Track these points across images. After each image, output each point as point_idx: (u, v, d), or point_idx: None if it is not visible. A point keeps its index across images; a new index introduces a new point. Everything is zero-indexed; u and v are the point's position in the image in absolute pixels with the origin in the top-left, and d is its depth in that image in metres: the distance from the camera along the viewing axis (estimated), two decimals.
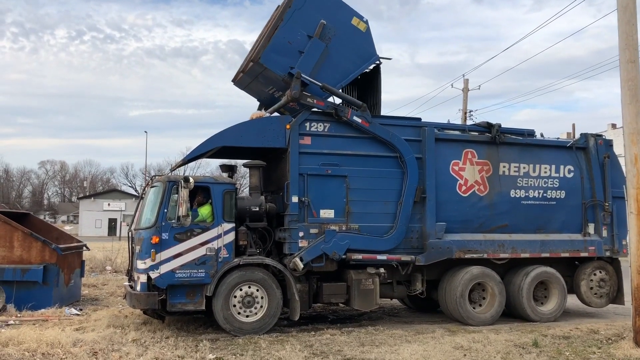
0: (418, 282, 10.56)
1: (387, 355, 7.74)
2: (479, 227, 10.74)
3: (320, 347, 8.26)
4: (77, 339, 8.31)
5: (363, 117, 10.09)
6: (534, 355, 7.88)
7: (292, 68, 9.93)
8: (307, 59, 10.08)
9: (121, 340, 8.49)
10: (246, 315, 9.25)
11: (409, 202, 10.17)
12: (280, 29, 10.04)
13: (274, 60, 10.00)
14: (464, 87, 33.44)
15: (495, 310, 10.53)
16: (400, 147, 10.23)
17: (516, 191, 11.03)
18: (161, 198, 9.23)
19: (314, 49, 10.16)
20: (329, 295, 9.90)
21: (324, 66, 10.25)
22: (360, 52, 10.70)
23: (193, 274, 9.09)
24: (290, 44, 10.08)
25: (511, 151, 11.10)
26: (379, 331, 9.59)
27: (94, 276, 17.78)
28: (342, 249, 9.69)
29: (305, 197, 9.73)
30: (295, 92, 9.75)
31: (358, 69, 10.72)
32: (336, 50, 10.39)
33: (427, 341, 8.72)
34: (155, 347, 8.03)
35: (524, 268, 10.87)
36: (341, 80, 10.50)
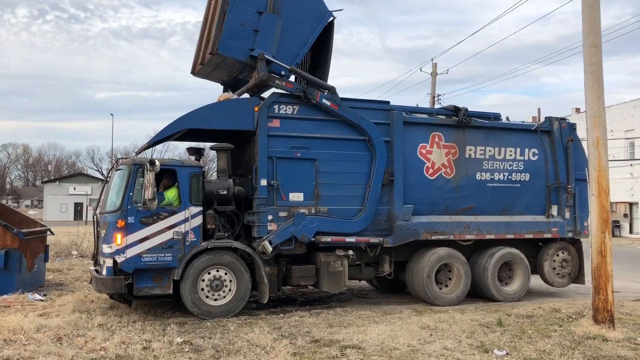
0: (386, 263, 10.68)
1: (354, 336, 7.82)
2: (446, 210, 10.89)
3: (288, 329, 8.30)
4: (40, 325, 8.18)
5: (332, 100, 10.06)
6: (498, 334, 8.05)
7: (252, 50, 9.81)
8: (265, 36, 9.93)
9: (87, 325, 8.38)
10: (214, 299, 9.22)
11: (378, 185, 10.23)
12: (229, 13, 9.78)
13: (232, 46, 9.84)
14: (432, 71, 33.71)
15: (461, 290, 10.73)
16: (369, 130, 10.26)
17: (482, 174, 11.19)
18: (127, 181, 9.08)
19: (268, 24, 9.99)
20: (298, 278, 9.93)
21: (283, 38, 10.11)
22: (313, 13, 10.54)
23: (160, 257, 9.01)
24: (243, 26, 9.87)
25: (477, 134, 11.24)
26: (347, 312, 9.68)
27: (59, 261, 17.49)
28: (311, 231, 9.72)
29: (274, 180, 9.70)
30: (262, 74, 9.66)
31: (315, 32, 10.55)
32: (290, 19, 10.22)
33: (394, 322, 8.84)
34: (122, 332, 7.95)
35: (489, 249, 11.09)
36: (302, 48, 10.39)
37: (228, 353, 6.99)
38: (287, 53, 10.07)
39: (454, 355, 6.96)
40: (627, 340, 7.69)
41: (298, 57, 10.31)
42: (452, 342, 7.59)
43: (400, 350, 7.16)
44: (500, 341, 7.64)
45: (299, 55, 10.31)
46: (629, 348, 7.31)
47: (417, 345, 7.41)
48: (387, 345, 7.35)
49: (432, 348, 7.26)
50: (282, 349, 7.05)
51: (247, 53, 9.84)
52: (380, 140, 10.30)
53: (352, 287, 12.85)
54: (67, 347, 7.11)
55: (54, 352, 6.83)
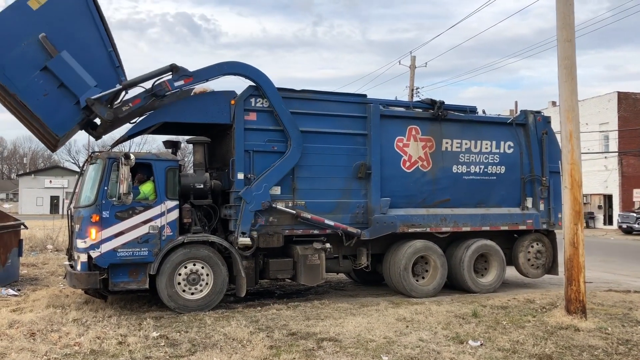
0: (363, 256, 10.73)
1: (331, 329, 7.86)
2: (422, 202, 10.97)
3: (266, 322, 8.31)
4: (13, 320, 8.08)
5: (184, 76, 9.35)
6: (473, 325, 8.16)
7: (77, 103, 8.98)
8: (72, 81, 8.93)
9: (61, 320, 8.29)
10: (191, 293, 9.19)
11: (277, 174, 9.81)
12: (25, 102, 8.79)
13: (61, 120, 9.02)
14: (411, 64, 33.83)
15: (437, 282, 10.83)
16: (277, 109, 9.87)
17: (458, 167, 11.29)
18: (101, 175, 8.97)
19: (62, 67, 8.88)
20: (276, 271, 9.93)
21: (86, 63, 9.08)
22: (77, 12, 9.21)
23: (136, 252, 8.93)
24: (47, 95, 8.90)
25: (454, 127, 11.32)
26: (325, 305, 9.72)
27: (33, 255, 17.24)
28: (266, 194, 9.57)
29: (251, 173, 9.67)
30: (106, 114, 9.02)
31: (95, 24, 9.31)
32: (70, 41, 9.04)
33: (371, 314, 8.90)
34: (97, 327, 7.89)
35: (465, 241, 11.22)
36: (106, 49, 9.36)
37: (204, 347, 6.97)
38: (103, 68, 9.21)
39: (429, 346, 7.04)
40: (599, 330, 7.85)
41: (113, 60, 9.43)
42: (428, 333, 7.67)
43: (376, 342, 7.22)
44: (475, 332, 7.75)
45: (112, 58, 9.42)
46: (600, 337, 7.46)
47: (393, 336, 7.48)
48: (364, 337, 7.40)
49: (408, 340, 7.33)
50: (259, 342, 7.06)
51: (77, 111, 9.05)
52: (297, 134, 9.92)
53: (330, 280, 12.89)
54: (40, 342, 7.04)
55: (27, 347, 6.75)
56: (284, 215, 9.85)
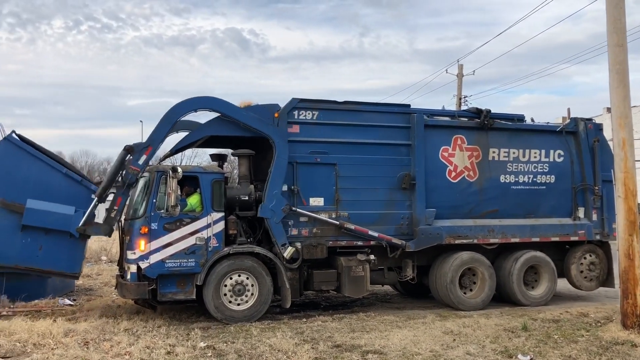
0: (409, 268, 10.61)
1: (377, 341, 7.78)
2: (469, 213, 10.77)
3: (311, 334, 8.31)
4: (68, 329, 8.31)
5: (143, 149, 9.28)
6: (522, 339, 7.93)
7: (72, 236, 9.26)
8: (55, 222, 9.22)
9: (113, 329, 8.51)
10: (237, 304, 9.29)
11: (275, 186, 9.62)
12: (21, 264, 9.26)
13: (67, 262, 9.41)
14: (458, 72, 33.35)
15: (485, 294, 10.59)
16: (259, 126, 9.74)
17: (506, 176, 11.04)
18: (150, 188, 9.23)
19: (36, 216, 9.18)
20: (320, 283, 9.94)
21: (51, 193, 9.40)
22: (11, 159, 9.46)
23: (183, 263, 9.11)
24: (42, 248, 9.25)
25: (501, 136, 11.09)
26: (370, 317, 9.65)
27: (88, 266, 17.73)
28: (279, 201, 9.47)
29: (294, 185, 9.74)
30: (100, 232, 9.39)
31: (34, 159, 9.56)
32: (26, 183, 9.39)
33: (417, 326, 8.78)
34: (147, 336, 8.06)
35: (514, 253, 10.93)
36: (61, 170, 9.69)
37: (250, 358, 7.04)
38: (70, 189, 9.58)
39: None
40: None
41: (74, 177, 9.79)
42: (476, 347, 7.51)
43: (422, 355, 7.12)
44: (524, 346, 7.53)
45: (71, 176, 9.76)
46: None
47: (440, 350, 7.35)
48: (409, 351, 7.31)
49: (455, 353, 7.20)
50: (304, 354, 7.07)
51: (76, 243, 9.43)
52: (281, 140, 9.72)
53: (376, 292, 12.80)
54: (93, 351, 7.23)
55: (80, 356, 6.95)
56: (327, 227, 9.86)
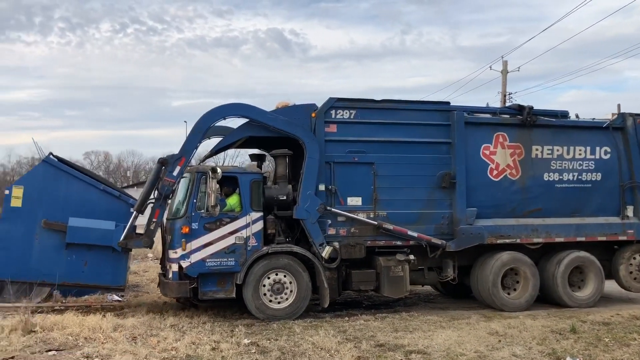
0: (449, 268, 10.46)
1: (420, 341, 7.74)
2: (512, 212, 10.54)
3: (353, 333, 8.32)
4: (117, 324, 8.52)
5: (176, 161, 9.38)
6: (571, 341, 7.73)
7: (114, 250, 9.61)
8: (97, 237, 9.60)
9: (160, 325, 8.69)
10: (277, 302, 9.37)
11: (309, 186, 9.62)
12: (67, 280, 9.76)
13: (112, 276, 9.86)
14: (502, 69, 32.66)
15: (529, 295, 10.35)
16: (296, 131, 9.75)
17: (550, 174, 10.75)
18: (190, 188, 9.39)
19: (78, 233, 9.60)
20: (358, 283, 9.90)
21: (92, 209, 9.83)
22: (51, 180, 9.91)
23: (223, 262, 9.24)
24: (87, 264, 9.75)
25: (544, 133, 10.81)
26: (413, 317, 9.60)
27: (136, 263, 18.16)
28: (313, 201, 9.48)
29: (332, 185, 9.74)
30: (142, 245, 9.60)
31: (73, 179, 10.03)
32: (67, 203, 9.80)
33: (461, 327, 8.69)
34: (192, 332, 8.20)
35: (558, 253, 10.64)
36: (99, 187, 10.12)
37: (293, 355, 7.09)
38: (110, 205, 9.99)
39: None
40: None
41: (112, 193, 10.25)
42: (522, 348, 7.38)
43: (466, 356, 7.05)
44: (573, 349, 7.35)
45: (109, 192, 10.23)
46: None
47: (485, 351, 7.26)
48: (454, 351, 7.24)
49: (500, 354, 7.10)
50: (347, 353, 7.08)
51: (120, 256, 9.81)
52: (312, 142, 9.70)
53: (419, 292, 12.70)
54: (141, 346, 7.41)
55: (129, 350, 7.13)
56: (365, 226, 9.83)
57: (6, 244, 9.40)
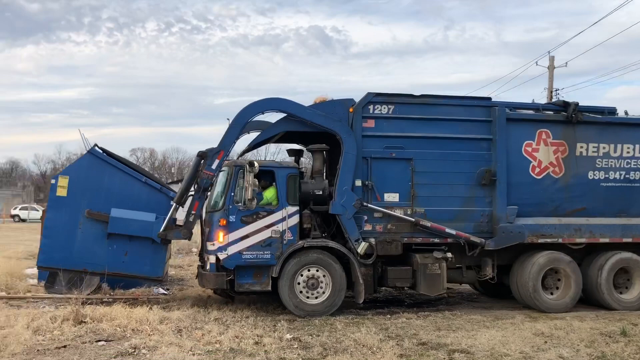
0: (488, 267, 10.26)
1: (463, 340, 7.65)
2: (554, 211, 10.26)
3: (395, 331, 8.30)
4: (163, 317, 8.68)
5: (215, 154, 9.51)
6: (621, 344, 7.49)
7: (153, 242, 9.80)
8: (138, 228, 9.80)
9: (204, 319, 8.84)
10: (315, 297, 9.40)
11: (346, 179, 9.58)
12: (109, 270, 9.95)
13: (150, 267, 10.03)
14: (549, 64, 31.82)
15: (570, 297, 10.06)
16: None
17: (595, 173, 10.42)
18: (228, 182, 9.50)
19: (119, 224, 9.81)
20: (394, 279, 9.82)
21: (133, 201, 10.05)
22: (95, 172, 10.17)
23: (259, 255, 9.32)
24: (128, 254, 9.94)
25: (590, 131, 10.47)
26: (456, 316, 9.51)
27: (180, 257, 18.51)
28: (350, 196, 9.44)
29: (368, 180, 9.69)
30: (180, 236, 9.77)
31: (117, 171, 10.32)
32: (110, 193, 10.06)
33: (506, 327, 8.56)
34: (236, 326, 8.32)
35: (603, 254, 10.30)
36: (141, 179, 10.36)
37: (335, 351, 7.10)
38: (150, 197, 10.18)
39: None
40: None
41: (153, 185, 10.46)
42: (569, 350, 7.22)
43: (511, 356, 6.94)
44: (624, 352, 7.14)
45: (150, 184, 10.43)
46: None
47: (530, 352, 7.13)
48: (498, 351, 7.14)
49: (547, 356, 6.96)
50: (389, 350, 7.06)
51: (159, 248, 9.98)
52: (349, 136, 9.65)
53: (461, 291, 12.54)
54: (186, 338, 7.55)
55: (175, 342, 7.27)
56: (402, 223, 9.74)
57: (51, 232, 9.70)
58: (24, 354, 6.80)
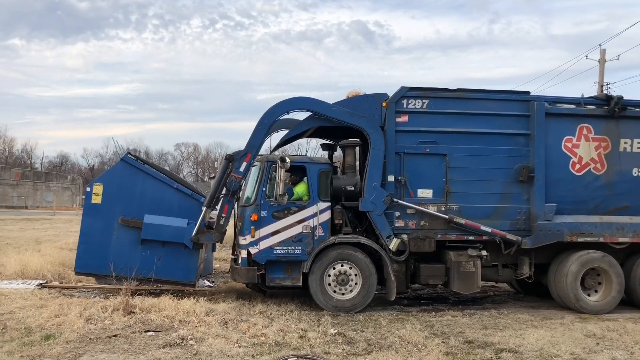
0: (525, 265, 10.00)
1: (511, 340, 7.53)
2: (595, 209, 9.91)
3: (441, 328, 8.24)
4: (209, 309, 8.80)
5: (242, 157, 9.53)
6: None
7: (186, 247, 9.73)
8: (170, 234, 9.74)
9: (249, 311, 8.93)
10: (342, 293, 9.35)
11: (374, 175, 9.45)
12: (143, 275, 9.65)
13: (183, 272, 9.92)
14: (600, 57, 30.74)
15: (611, 298, 9.70)
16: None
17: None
18: (260, 177, 9.54)
19: (152, 230, 9.81)
20: (427, 277, 9.69)
21: (165, 206, 9.99)
22: (128, 177, 10.12)
23: (290, 250, 9.32)
24: (161, 259, 9.87)
25: (635, 126, 10.07)
26: (503, 315, 9.37)
27: (224, 251, 18.71)
28: (379, 193, 9.35)
29: (401, 176, 9.56)
30: (212, 239, 9.79)
31: (149, 177, 10.19)
32: (143, 200, 10.03)
33: (555, 327, 8.40)
34: (280, 320, 8.38)
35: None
36: (172, 185, 10.19)
37: (380, 347, 7.09)
38: (182, 202, 10.09)
39: None
40: None
41: (184, 191, 10.25)
42: (623, 353, 7.04)
43: (562, 357, 6.82)
44: None
45: (182, 190, 10.24)
46: None
47: (582, 353, 6.98)
48: (547, 352, 7.01)
49: (599, 358, 6.82)
50: (434, 348, 7.00)
51: (191, 252, 9.88)
52: (376, 132, 9.54)
53: (507, 290, 12.29)
54: (232, 331, 7.66)
55: (221, 334, 7.39)
56: (435, 220, 9.58)
57: (88, 238, 9.86)
58: (77, 342, 7.02)
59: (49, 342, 6.97)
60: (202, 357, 6.48)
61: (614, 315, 9.40)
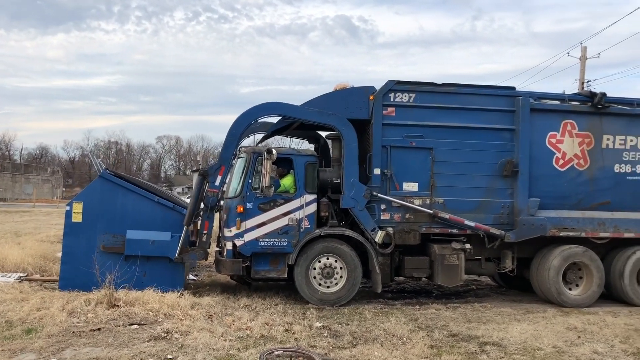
0: (508, 259, 10.12)
1: (494, 333, 7.61)
2: (577, 204, 10.03)
3: (425, 321, 8.29)
4: (194, 303, 8.72)
5: (216, 171, 9.54)
6: None
7: (171, 260, 9.53)
8: (153, 250, 9.58)
9: (234, 305, 8.88)
10: (327, 286, 9.37)
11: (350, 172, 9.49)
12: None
13: (170, 285, 9.44)
14: (581, 55, 31.10)
15: (592, 292, 9.85)
16: None
17: (621, 166, 10.16)
18: (246, 169, 9.49)
19: (134, 246, 9.54)
20: (411, 269, 9.74)
21: (147, 222, 9.75)
22: (108, 194, 9.90)
23: (276, 242, 9.31)
24: (146, 274, 9.54)
25: (617, 122, 10.20)
26: (486, 308, 9.45)
27: None
28: (359, 188, 9.37)
29: (388, 169, 9.58)
30: (195, 258, 9.71)
31: (128, 192, 9.95)
32: (123, 216, 9.77)
33: (537, 321, 8.50)
34: (265, 313, 8.37)
35: (626, 249, 10.10)
36: (153, 199, 9.95)
37: (365, 340, 7.10)
38: (164, 215, 9.87)
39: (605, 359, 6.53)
40: None
41: (166, 205, 9.99)
42: (604, 346, 7.13)
43: (544, 350, 6.87)
44: None
45: (163, 203, 10.00)
46: None
47: (564, 346, 7.05)
48: (530, 345, 7.09)
49: (581, 351, 6.88)
50: (419, 341, 7.04)
51: (178, 267, 9.69)
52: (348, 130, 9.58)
53: (490, 284, 12.42)
54: (217, 324, 7.61)
55: (206, 328, 7.35)
56: (420, 213, 9.63)
57: (70, 258, 9.62)
58: (60, 336, 6.92)
59: (30, 336, 6.86)
60: (187, 351, 6.42)
61: (594, 308, 9.55)
